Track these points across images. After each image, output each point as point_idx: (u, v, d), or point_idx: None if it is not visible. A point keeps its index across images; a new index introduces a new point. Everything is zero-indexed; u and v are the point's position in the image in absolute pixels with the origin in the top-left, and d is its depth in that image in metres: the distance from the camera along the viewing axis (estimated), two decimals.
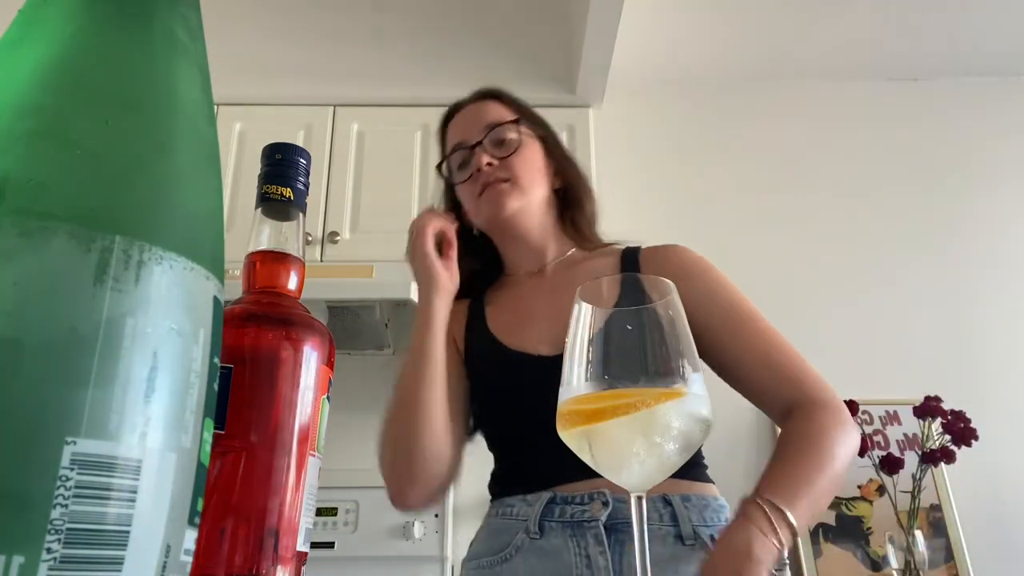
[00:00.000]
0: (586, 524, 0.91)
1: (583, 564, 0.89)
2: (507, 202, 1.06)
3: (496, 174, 1.06)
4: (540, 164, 1.12)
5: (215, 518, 0.40)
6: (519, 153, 1.08)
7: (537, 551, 0.92)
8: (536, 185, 1.09)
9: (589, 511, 0.91)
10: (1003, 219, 2.39)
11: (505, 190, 1.06)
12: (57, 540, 0.23)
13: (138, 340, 0.26)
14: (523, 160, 1.08)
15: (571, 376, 0.45)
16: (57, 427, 0.24)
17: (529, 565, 0.92)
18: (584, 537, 0.90)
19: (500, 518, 0.99)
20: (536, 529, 0.93)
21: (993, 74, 2.57)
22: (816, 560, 1.96)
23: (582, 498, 0.93)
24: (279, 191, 0.46)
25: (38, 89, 0.28)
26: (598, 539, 0.90)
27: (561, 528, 0.92)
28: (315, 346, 0.45)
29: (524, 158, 1.08)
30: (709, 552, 0.85)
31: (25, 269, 0.25)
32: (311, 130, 2.24)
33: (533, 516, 0.94)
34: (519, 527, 0.95)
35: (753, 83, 2.56)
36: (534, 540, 0.93)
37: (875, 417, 2.11)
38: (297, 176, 0.47)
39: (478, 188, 1.07)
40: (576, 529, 0.91)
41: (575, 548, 0.90)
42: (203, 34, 0.34)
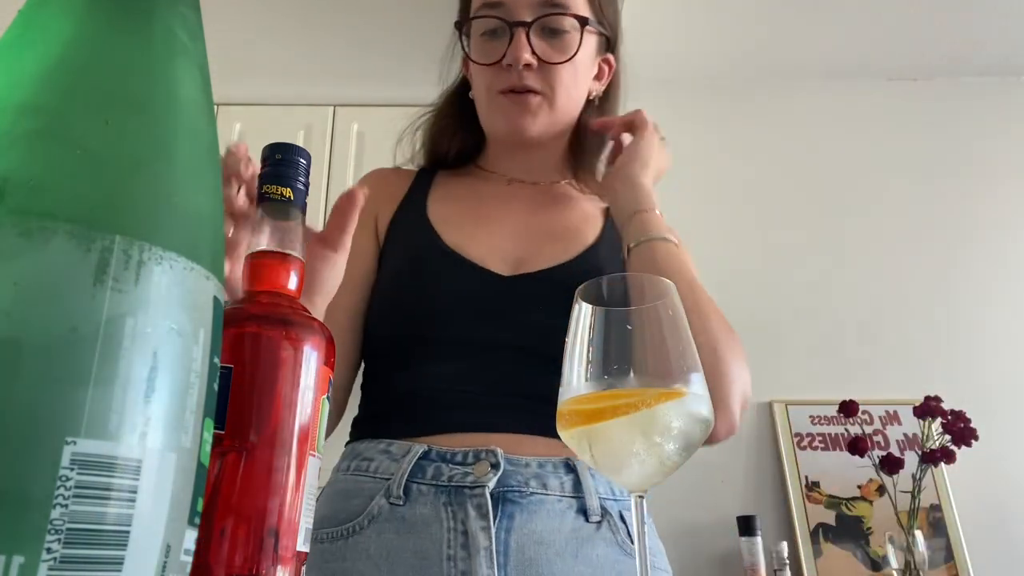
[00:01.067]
0: (467, 490, 0.70)
1: (457, 542, 0.68)
2: (532, 124, 0.84)
3: (531, 83, 0.82)
4: (588, 73, 0.89)
5: (215, 518, 0.40)
6: (571, 63, 0.83)
7: (398, 522, 0.70)
8: (573, 102, 0.88)
9: (473, 473, 0.71)
10: (1003, 219, 2.39)
11: (534, 107, 0.84)
12: (57, 540, 0.23)
13: (138, 340, 0.26)
14: (571, 72, 0.84)
15: (571, 376, 0.45)
16: (57, 427, 0.24)
17: (384, 541, 0.70)
18: (463, 507, 0.69)
19: (352, 474, 0.76)
20: (400, 493, 0.71)
21: (993, 74, 2.57)
22: (816, 560, 1.96)
23: (465, 456, 0.72)
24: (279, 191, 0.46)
25: (38, 89, 0.28)
26: (481, 510, 0.69)
27: (434, 493, 0.71)
28: (315, 346, 0.45)
29: (573, 70, 0.84)
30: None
31: (25, 269, 0.25)
32: (311, 130, 2.25)
33: (398, 475, 0.72)
34: (377, 488, 0.73)
35: (753, 83, 2.56)
36: (395, 507, 0.71)
37: (875, 417, 2.11)
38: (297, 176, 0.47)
39: (501, 84, 0.83)
40: (454, 496, 0.70)
41: (449, 521, 0.69)
42: (203, 34, 0.34)
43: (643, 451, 0.43)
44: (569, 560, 0.69)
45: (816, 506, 2.03)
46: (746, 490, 2.07)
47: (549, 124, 0.86)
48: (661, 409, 0.42)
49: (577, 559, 0.69)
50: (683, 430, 0.43)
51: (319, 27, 2.29)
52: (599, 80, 0.92)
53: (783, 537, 1.95)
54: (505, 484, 0.71)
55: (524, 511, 0.71)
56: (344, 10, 2.29)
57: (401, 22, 2.30)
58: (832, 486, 2.05)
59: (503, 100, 0.84)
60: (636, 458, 0.43)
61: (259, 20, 2.26)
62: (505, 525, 0.69)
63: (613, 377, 0.43)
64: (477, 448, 0.73)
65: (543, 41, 0.82)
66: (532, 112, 0.84)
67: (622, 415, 0.42)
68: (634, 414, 0.42)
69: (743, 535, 1.87)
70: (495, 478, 0.71)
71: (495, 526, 0.69)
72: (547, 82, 0.83)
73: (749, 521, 1.87)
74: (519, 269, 0.83)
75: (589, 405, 0.43)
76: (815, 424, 2.13)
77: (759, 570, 1.82)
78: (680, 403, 0.43)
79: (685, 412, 0.43)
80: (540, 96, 0.84)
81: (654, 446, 0.43)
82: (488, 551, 0.67)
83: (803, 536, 1.98)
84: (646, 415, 0.42)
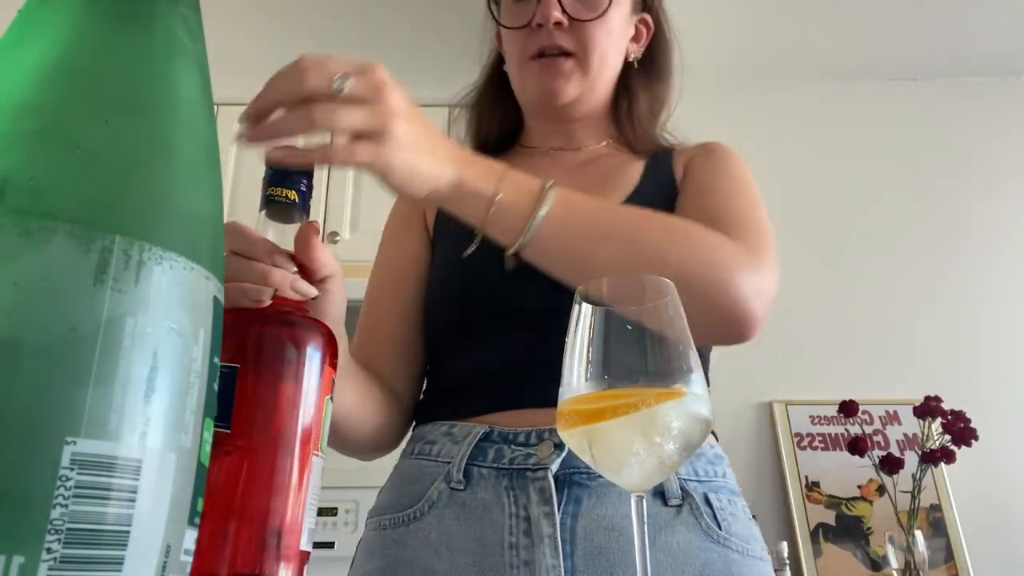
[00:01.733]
0: (529, 473, 0.66)
1: (519, 529, 0.64)
2: (565, 88, 0.80)
3: (561, 43, 0.78)
4: (623, 33, 0.84)
5: (218, 518, 0.40)
6: (603, 20, 0.79)
7: (459, 507, 0.67)
8: (608, 65, 0.83)
9: (535, 455, 0.67)
10: (1003, 219, 2.39)
11: (567, 71, 0.79)
12: (57, 540, 0.23)
13: (138, 340, 0.26)
14: (604, 32, 0.80)
15: (571, 376, 0.45)
16: (57, 427, 0.24)
17: (444, 527, 0.67)
18: (525, 491, 0.65)
19: (415, 458, 0.74)
20: (460, 476, 0.68)
21: (993, 74, 2.57)
22: (816, 560, 1.96)
23: (528, 436, 0.68)
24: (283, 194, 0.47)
25: (38, 89, 0.28)
26: (544, 495, 0.64)
27: (495, 477, 0.67)
28: (319, 347, 0.45)
29: (606, 29, 0.80)
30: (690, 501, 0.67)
31: (25, 269, 0.25)
32: None
33: (458, 457, 0.69)
34: (438, 472, 0.70)
35: (753, 83, 2.56)
36: (456, 492, 0.68)
37: (875, 417, 2.11)
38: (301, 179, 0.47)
39: (532, 47, 0.79)
40: (515, 479, 0.66)
41: (510, 506, 0.65)
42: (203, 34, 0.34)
43: (643, 451, 0.43)
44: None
45: (816, 506, 2.03)
46: (746, 490, 2.06)
47: (584, 89, 0.82)
48: (661, 409, 0.42)
49: (654, 547, 0.63)
50: (683, 430, 0.43)
51: (319, 27, 2.29)
52: (636, 42, 0.88)
53: (783, 537, 1.95)
54: (571, 466, 0.66)
55: (592, 495, 0.66)
56: (344, 10, 2.29)
57: (402, 22, 2.30)
58: (832, 486, 2.05)
59: (534, 65, 0.80)
60: (636, 458, 0.43)
61: (259, 20, 2.26)
62: (571, 510, 0.65)
63: (613, 377, 0.43)
64: (540, 428, 0.68)
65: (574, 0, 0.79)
66: (565, 76, 0.79)
67: (622, 415, 0.42)
68: (634, 414, 0.42)
69: None
70: (558, 459, 0.66)
71: (560, 511, 0.64)
72: (579, 42, 0.79)
73: None
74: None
75: (589, 405, 0.43)
76: (815, 424, 2.13)
77: None
78: (680, 403, 0.43)
79: (685, 412, 0.43)
80: (572, 58, 0.79)
81: (654, 446, 0.43)
82: (552, 538, 0.62)
83: (803, 536, 1.98)
84: (646, 415, 0.42)
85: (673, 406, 0.43)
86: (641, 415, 0.42)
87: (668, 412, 0.43)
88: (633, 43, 0.87)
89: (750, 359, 2.26)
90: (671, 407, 0.43)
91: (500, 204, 0.57)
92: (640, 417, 0.42)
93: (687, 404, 0.43)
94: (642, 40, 0.89)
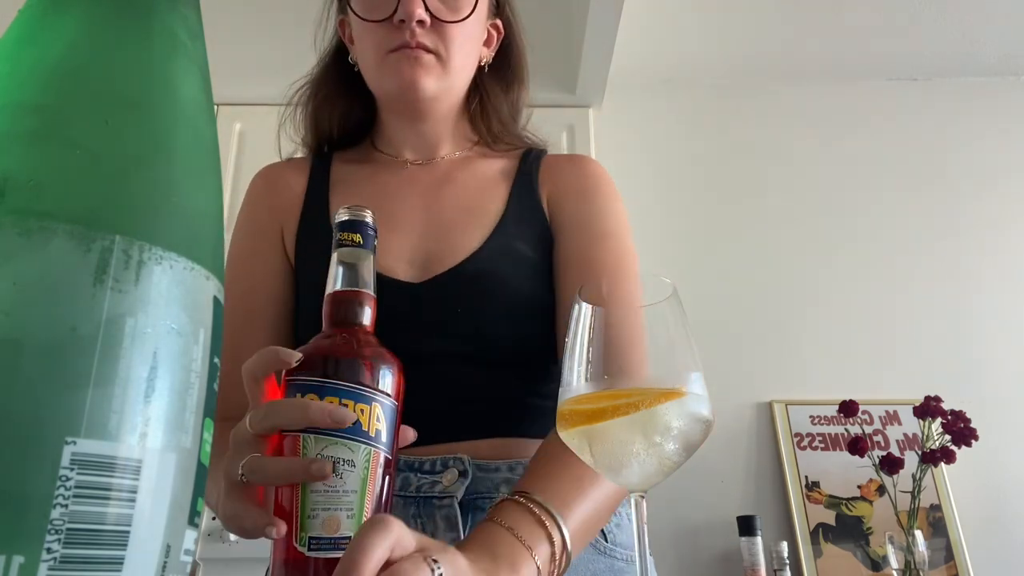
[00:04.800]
0: (435, 501, 0.68)
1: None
2: (427, 83, 0.78)
3: (424, 40, 0.78)
4: (479, 36, 0.85)
5: None
6: (463, 23, 0.79)
7: None
8: (468, 65, 0.84)
9: (441, 483, 0.69)
10: (1003, 219, 2.39)
11: (429, 65, 0.78)
12: (57, 540, 0.23)
13: (138, 340, 0.26)
14: (466, 33, 0.81)
15: (571, 376, 0.45)
16: (57, 427, 0.24)
17: None
18: (432, 518, 0.68)
19: None
20: None
21: (993, 74, 2.57)
22: (816, 560, 1.96)
23: (433, 464, 0.70)
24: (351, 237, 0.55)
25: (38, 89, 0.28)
26: (450, 521, 0.67)
27: (403, 505, 0.69)
28: None
29: (468, 31, 0.81)
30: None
31: (25, 269, 0.25)
32: None
33: None
34: None
35: (753, 83, 2.56)
36: None
37: (875, 417, 2.11)
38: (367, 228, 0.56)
39: (392, 42, 0.78)
40: (422, 507, 0.69)
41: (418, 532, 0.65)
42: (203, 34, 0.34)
43: (643, 451, 0.43)
44: None
45: (816, 506, 2.03)
46: (746, 490, 2.07)
47: (444, 87, 0.81)
48: (661, 409, 0.42)
49: None
50: (683, 430, 0.43)
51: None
52: (488, 46, 0.88)
53: (783, 537, 1.95)
54: (475, 491, 0.69)
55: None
56: None
57: None
58: (832, 486, 2.05)
59: (394, 57, 0.78)
60: (636, 458, 0.43)
61: (259, 20, 2.26)
62: None
63: (613, 377, 0.43)
64: (445, 456, 0.71)
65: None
66: (428, 72, 0.78)
67: (622, 415, 0.42)
68: (634, 414, 0.42)
69: (743, 535, 1.87)
70: (463, 487, 0.69)
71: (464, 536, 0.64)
72: (441, 41, 0.79)
73: (749, 521, 1.87)
74: (428, 271, 0.77)
75: (589, 405, 0.43)
76: (815, 424, 2.13)
77: (759, 570, 1.82)
78: (680, 403, 0.43)
79: (685, 412, 0.43)
80: (434, 55, 0.79)
81: (654, 446, 0.43)
82: None
83: (803, 536, 1.98)
84: (646, 415, 0.42)
85: (673, 406, 0.43)
86: (641, 415, 0.42)
87: (668, 412, 0.43)
88: (485, 47, 0.87)
89: (750, 359, 2.26)
90: (671, 407, 0.43)
91: None
92: (640, 417, 0.42)
93: (687, 404, 0.43)
94: (492, 44, 0.89)
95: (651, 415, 0.42)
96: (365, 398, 0.50)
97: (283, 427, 0.50)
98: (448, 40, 0.79)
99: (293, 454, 0.49)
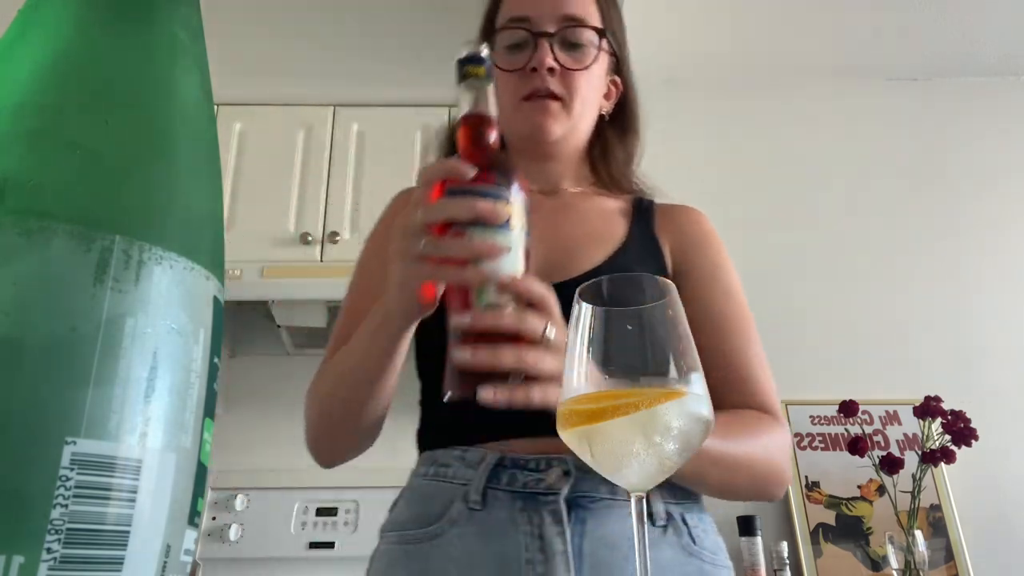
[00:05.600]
0: (541, 497, 0.74)
1: (535, 547, 0.72)
2: (553, 126, 0.89)
3: (551, 87, 0.89)
4: (600, 87, 0.96)
5: None
6: (588, 72, 0.91)
7: (478, 526, 0.75)
8: (588, 112, 0.94)
9: (546, 481, 0.75)
10: (1003, 219, 2.39)
11: (555, 111, 0.89)
12: (57, 540, 0.23)
13: (138, 340, 0.26)
14: (588, 82, 0.92)
15: (571, 376, 0.45)
16: (57, 427, 0.24)
17: (466, 544, 0.74)
18: (538, 512, 0.74)
19: (431, 479, 0.81)
20: (478, 498, 0.75)
21: (993, 74, 2.57)
22: (816, 560, 1.96)
23: (537, 463, 0.76)
24: (475, 71, 0.63)
25: (38, 89, 0.28)
26: (555, 516, 0.73)
27: (510, 499, 0.75)
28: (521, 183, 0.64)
29: (590, 81, 0.92)
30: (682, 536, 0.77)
31: (25, 269, 0.25)
32: (311, 130, 2.24)
33: (476, 481, 0.76)
34: (456, 493, 0.77)
35: (753, 83, 2.56)
36: (474, 512, 0.75)
37: (875, 417, 2.11)
38: (486, 61, 0.64)
39: (525, 89, 0.89)
40: (528, 502, 0.74)
41: (525, 526, 0.73)
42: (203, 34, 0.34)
43: (643, 451, 0.43)
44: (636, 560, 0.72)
45: (816, 506, 2.03)
46: None
47: (567, 129, 0.92)
48: (661, 409, 0.42)
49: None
50: (683, 430, 0.43)
51: (319, 27, 2.29)
52: (608, 99, 1.00)
53: (783, 537, 1.95)
54: (577, 490, 0.75)
55: (595, 516, 0.75)
56: (345, 10, 2.29)
57: (402, 22, 2.30)
58: (832, 486, 2.05)
59: (527, 105, 0.90)
60: (636, 458, 0.43)
61: (259, 20, 2.26)
62: (578, 530, 0.73)
63: (613, 377, 0.43)
64: (549, 455, 0.76)
65: (564, 52, 0.91)
66: (553, 115, 0.90)
67: (622, 415, 0.42)
68: (634, 414, 0.42)
69: (743, 535, 1.87)
70: (568, 485, 0.74)
71: (569, 532, 0.72)
72: (566, 88, 0.90)
73: (749, 521, 1.87)
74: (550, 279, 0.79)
75: (589, 405, 0.43)
76: (815, 424, 2.13)
77: (759, 570, 1.82)
78: (680, 403, 0.43)
79: (685, 412, 0.43)
80: (559, 102, 0.90)
81: (654, 446, 0.43)
82: (564, 555, 0.71)
83: (803, 536, 1.98)
84: (646, 415, 0.42)
85: (673, 406, 0.43)
86: (641, 415, 0.42)
87: (668, 412, 0.43)
88: (605, 99, 0.99)
89: None
90: (671, 407, 0.43)
91: None
92: (640, 417, 0.42)
93: (687, 404, 0.43)
94: (612, 98, 1.00)
95: (651, 415, 0.42)
96: (510, 199, 0.62)
97: (453, 218, 0.61)
98: (572, 88, 0.90)
99: None
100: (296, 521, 1.95)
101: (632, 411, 0.42)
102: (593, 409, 0.43)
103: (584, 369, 0.44)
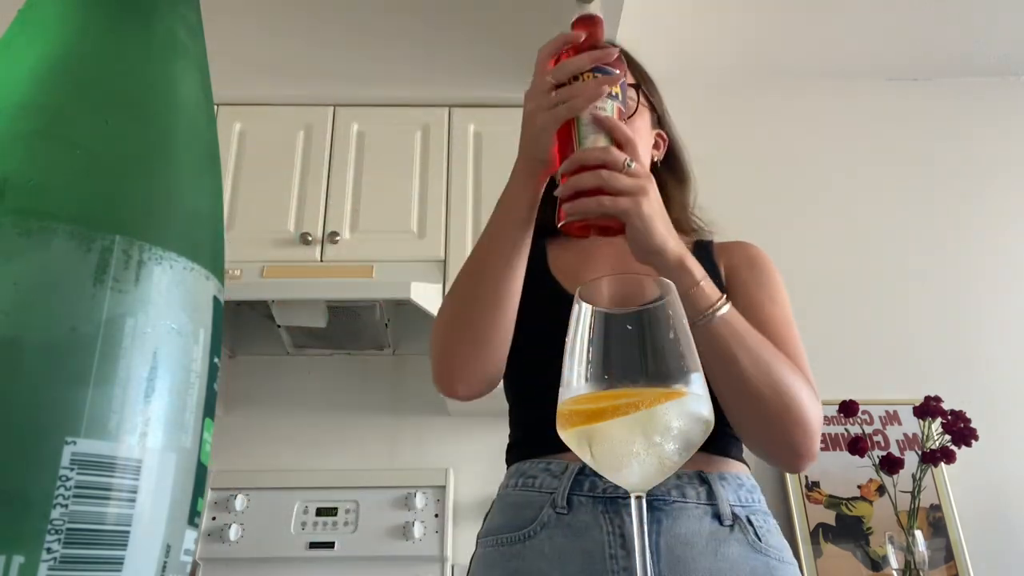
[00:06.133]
0: (620, 500, 0.84)
1: (617, 543, 0.81)
2: None
3: None
4: (648, 138, 1.06)
5: None
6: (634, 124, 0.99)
7: (565, 527, 0.84)
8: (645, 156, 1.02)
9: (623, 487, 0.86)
10: (1003, 219, 2.39)
11: None
12: (57, 540, 0.23)
13: (138, 340, 0.26)
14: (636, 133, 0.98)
15: (571, 376, 0.45)
16: (57, 427, 0.24)
17: (555, 543, 0.84)
18: (619, 513, 0.83)
19: (521, 490, 0.91)
20: (564, 504, 0.85)
21: (993, 74, 2.57)
22: (816, 560, 1.96)
23: None
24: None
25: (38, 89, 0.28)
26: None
27: (592, 504, 0.85)
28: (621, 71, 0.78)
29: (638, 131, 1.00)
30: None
31: (25, 269, 0.25)
32: (311, 130, 2.24)
33: (561, 489, 0.86)
34: (544, 500, 0.87)
35: (753, 83, 2.56)
36: (561, 515, 0.85)
37: (875, 417, 2.11)
38: None
39: None
40: (609, 505, 0.84)
41: (607, 525, 0.83)
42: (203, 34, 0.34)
43: (643, 451, 0.43)
44: (710, 558, 0.81)
45: (816, 506, 2.03)
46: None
47: None
48: (661, 409, 0.42)
49: (717, 557, 0.82)
50: (683, 430, 0.43)
51: (319, 27, 2.29)
52: (657, 150, 1.10)
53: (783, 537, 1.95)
54: (651, 494, 0.81)
55: (669, 517, 0.83)
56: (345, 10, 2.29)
57: (401, 22, 2.30)
58: (832, 486, 2.05)
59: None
60: (636, 458, 0.43)
61: (259, 20, 2.26)
62: (655, 529, 0.82)
63: (613, 377, 0.43)
64: None
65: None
66: None
67: (622, 415, 0.42)
68: (634, 414, 0.42)
69: None
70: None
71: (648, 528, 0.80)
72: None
73: None
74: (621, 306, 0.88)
75: (589, 405, 0.43)
76: None
77: None
78: (680, 403, 0.43)
79: (685, 412, 0.43)
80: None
81: (654, 446, 0.43)
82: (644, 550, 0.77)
83: (803, 536, 1.98)
84: (646, 415, 0.42)
85: (673, 406, 0.43)
86: (641, 415, 0.42)
87: (668, 412, 0.43)
88: (655, 150, 1.10)
89: None
90: (671, 407, 0.43)
91: (700, 288, 0.81)
92: (640, 417, 0.42)
93: (687, 404, 0.43)
94: (661, 148, 1.11)
95: (651, 415, 0.42)
96: (615, 76, 0.76)
97: (579, 69, 0.76)
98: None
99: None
100: (296, 521, 1.95)
101: (632, 411, 0.42)
102: (593, 409, 0.43)
103: (584, 369, 0.44)
